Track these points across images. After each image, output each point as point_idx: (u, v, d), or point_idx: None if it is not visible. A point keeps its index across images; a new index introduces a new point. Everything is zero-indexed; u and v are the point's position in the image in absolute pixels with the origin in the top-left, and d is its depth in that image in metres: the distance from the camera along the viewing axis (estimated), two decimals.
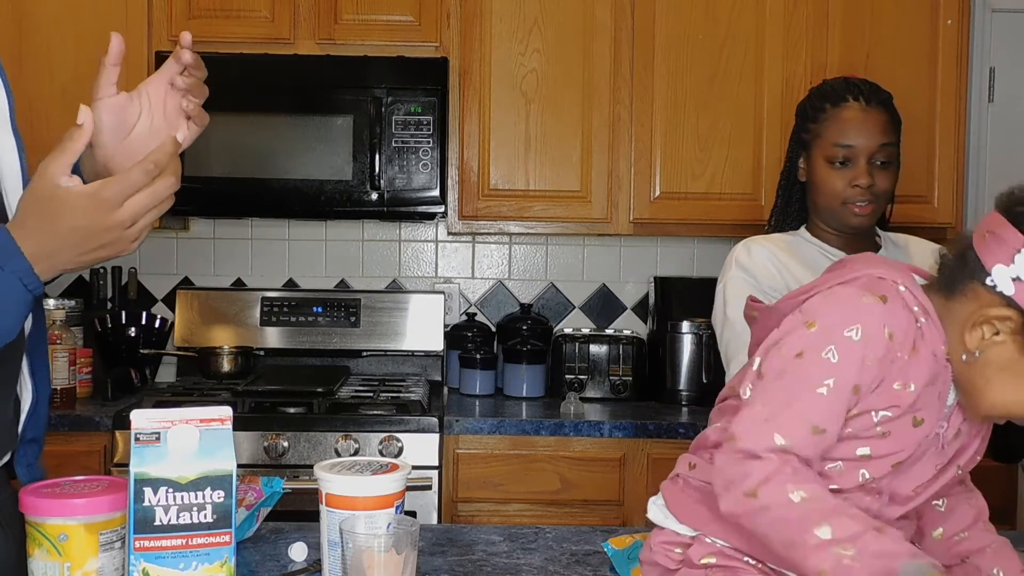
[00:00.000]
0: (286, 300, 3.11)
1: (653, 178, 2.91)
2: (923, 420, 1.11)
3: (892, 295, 1.09)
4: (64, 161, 1.09)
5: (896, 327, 1.08)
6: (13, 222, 1.08)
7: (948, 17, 2.89)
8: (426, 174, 2.82)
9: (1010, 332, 1.06)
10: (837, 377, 1.06)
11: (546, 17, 2.89)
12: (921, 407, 1.10)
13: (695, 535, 1.18)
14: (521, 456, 2.63)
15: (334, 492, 1.22)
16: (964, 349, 1.08)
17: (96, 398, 2.82)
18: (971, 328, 1.08)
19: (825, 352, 1.07)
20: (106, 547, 1.10)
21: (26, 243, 1.06)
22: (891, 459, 1.11)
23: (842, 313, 1.08)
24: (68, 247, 1.07)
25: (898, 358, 1.08)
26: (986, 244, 1.08)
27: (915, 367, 1.09)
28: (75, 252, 1.08)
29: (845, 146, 1.83)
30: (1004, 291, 1.05)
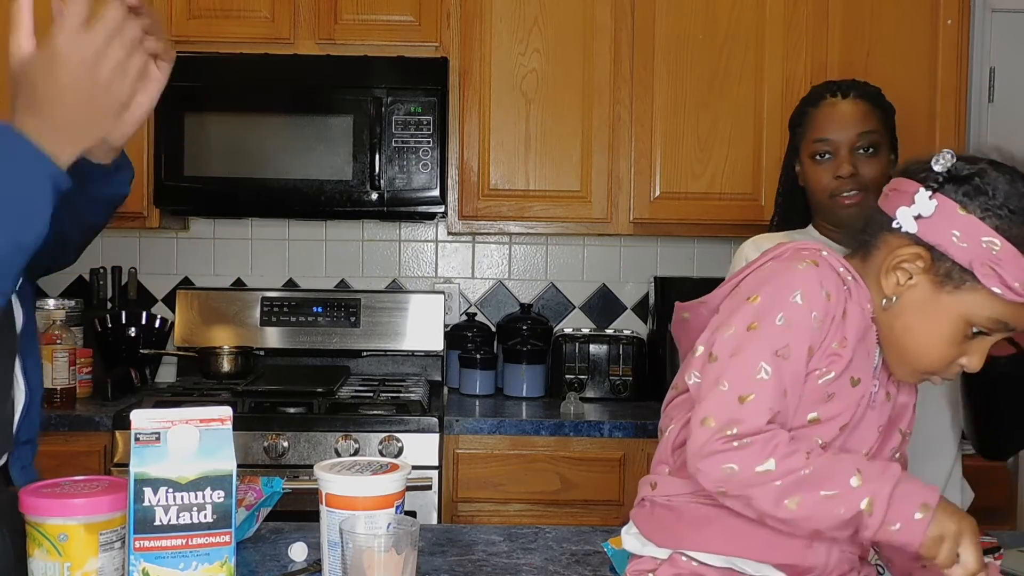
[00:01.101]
0: (286, 300, 3.11)
1: (653, 178, 2.91)
2: (859, 380, 1.13)
3: (819, 260, 1.13)
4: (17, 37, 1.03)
5: (830, 287, 1.11)
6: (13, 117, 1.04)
7: (948, 17, 2.89)
8: (426, 174, 2.82)
9: (922, 271, 1.09)
10: (792, 340, 1.08)
11: (546, 17, 2.89)
12: (856, 366, 1.12)
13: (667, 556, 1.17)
14: (521, 456, 2.63)
15: (334, 492, 1.22)
16: (882, 295, 1.12)
17: (96, 398, 2.82)
18: (886, 273, 1.11)
19: (777, 319, 1.09)
20: (106, 547, 1.10)
21: (27, 124, 1.01)
22: (837, 422, 1.12)
23: (781, 282, 1.11)
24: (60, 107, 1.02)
25: (835, 318, 1.11)
26: (888, 199, 1.13)
27: (848, 324, 1.11)
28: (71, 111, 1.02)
29: (822, 140, 1.86)
30: (908, 230, 1.09)
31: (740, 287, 1.17)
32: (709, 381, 1.11)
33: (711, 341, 1.14)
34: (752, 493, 1.06)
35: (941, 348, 1.11)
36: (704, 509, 1.14)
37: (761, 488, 1.05)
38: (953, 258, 1.07)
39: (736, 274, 1.20)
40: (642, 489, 1.24)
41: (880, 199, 1.16)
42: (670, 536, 1.17)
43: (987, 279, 1.05)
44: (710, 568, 1.14)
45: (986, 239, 1.05)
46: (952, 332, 1.10)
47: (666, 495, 1.18)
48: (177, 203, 2.87)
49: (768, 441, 1.06)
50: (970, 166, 1.09)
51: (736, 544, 1.13)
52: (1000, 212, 1.05)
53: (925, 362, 1.12)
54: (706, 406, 1.09)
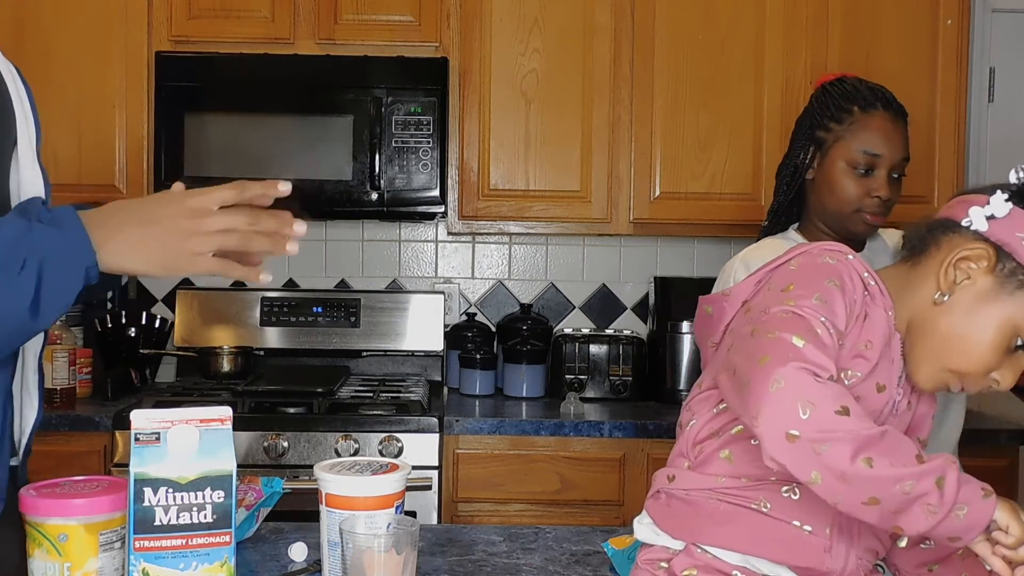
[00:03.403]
0: (286, 300, 3.11)
1: (653, 178, 2.91)
2: (884, 386, 1.14)
3: (842, 260, 1.15)
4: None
5: (856, 284, 1.13)
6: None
7: (948, 17, 2.89)
8: (426, 174, 2.82)
9: (984, 270, 1.10)
10: (829, 314, 1.09)
11: (546, 17, 2.89)
12: (881, 372, 1.13)
13: (682, 547, 1.17)
14: (521, 456, 2.63)
15: (334, 492, 1.22)
16: (937, 289, 1.12)
17: (96, 398, 2.82)
18: (946, 268, 1.12)
19: (814, 299, 1.10)
20: (106, 547, 1.10)
21: (84, 216, 1.06)
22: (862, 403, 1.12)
23: (815, 270, 1.13)
24: (126, 216, 1.08)
25: (859, 317, 1.12)
26: (953, 208, 1.15)
27: (872, 328, 1.13)
28: (131, 223, 1.07)
29: (872, 154, 1.78)
30: (979, 228, 1.10)
31: (772, 280, 1.17)
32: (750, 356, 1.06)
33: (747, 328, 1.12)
34: (830, 438, 0.98)
35: (984, 351, 1.11)
36: (723, 506, 1.14)
37: (838, 437, 0.98)
38: (1020, 259, 1.09)
39: (763, 268, 1.21)
40: (658, 481, 1.23)
41: (943, 210, 1.17)
42: (686, 529, 1.17)
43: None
44: (725, 563, 1.14)
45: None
46: (998, 337, 1.10)
47: (684, 489, 1.18)
48: None
49: (844, 391, 1.02)
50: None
51: (755, 544, 1.13)
52: None
53: (964, 363, 1.12)
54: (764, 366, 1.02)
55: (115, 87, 2.85)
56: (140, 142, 2.85)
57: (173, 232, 1.08)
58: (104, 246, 1.06)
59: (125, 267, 1.08)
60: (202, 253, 1.09)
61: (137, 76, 2.85)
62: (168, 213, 1.09)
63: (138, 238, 1.07)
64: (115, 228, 1.07)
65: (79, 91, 2.84)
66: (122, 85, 2.85)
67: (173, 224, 1.08)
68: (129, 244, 1.07)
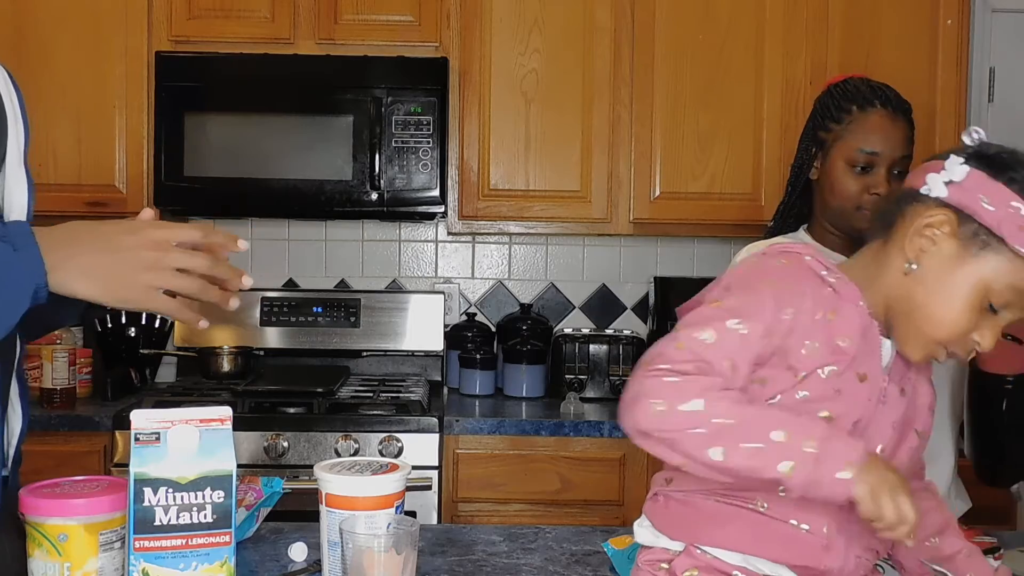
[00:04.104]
0: (286, 300, 3.11)
1: (653, 178, 2.91)
2: (866, 375, 1.13)
3: (796, 261, 1.16)
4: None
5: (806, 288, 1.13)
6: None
7: (948, 17, 2.89)
8: (426, 174, 2.82)
9: (948, 235, 1.11)
10: (747, 318, 1.10)
11: (546, 17, 2.89)
12: (861, 362, 1.13)
13: (683, 548, 1.17)
14: (521, 456, 2.63)
15: (334, 492, 1.22)
16: (905, 259, 1.13)
17: (96, 398, 2.82)
18: (911, 238, 1.13)
19: (740, 297, 1.12)
20: (106, 547, 1.10)
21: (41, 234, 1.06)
22: (848, 418, 1.12)
23: (759, 271, 1.15)
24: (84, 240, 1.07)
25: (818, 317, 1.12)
26: (915, 176, 1.16)
27: (844, 321, 1.13)
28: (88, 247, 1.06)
29: (869, 152, 1.77)
30: (939, 195, 1.11)
31: (721, 279, 1.19)
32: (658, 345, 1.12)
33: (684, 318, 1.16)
34: (677, 437, 1.05)
35: (958, 314, 1.11)
36: (721, 507, 1.15)
37: (686, 433, 1.05)
38: (981, 220, 1.09)
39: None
40: (656, 483, 1.24)
41: (907, 180, 1.18)
42: (685, 530, 1.18)
43: (1013, 239, 1.07)
44: (726, 563, 1.14)
45: (1014, 204, 1.08)
46: (970, 299, 1.10)
47: (682, 490, 1.18)
48: (177, 203, 2.87)
49: (696, 381, 1.06)
50: (997, 146, 1.13)
51: (753, 543, 1.13)
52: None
53: (941, 330, 1.12)
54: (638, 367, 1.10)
55: (115, 87, 2.85)
56: (140, 142, 2.85)
57: (131, 262, 1.07)
58: (56, 268, 1.04)
59: (75, 291, 1.06)
60: (156, 288, 1.08)
61: (137, 76, 2.85)
62: (128, 243, 1.08)
63: (93, 264, 1.06)
64: (71, 251, 1.06)
65: (79, 91, 2.84)
66: (122, 85, 2.85)
67: (132, 254, 1.07)
68: (82, 269, 1.06)
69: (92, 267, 1.06)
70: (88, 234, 1.09)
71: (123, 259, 1.07)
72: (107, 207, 2.83)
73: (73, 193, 2.83)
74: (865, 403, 1.14)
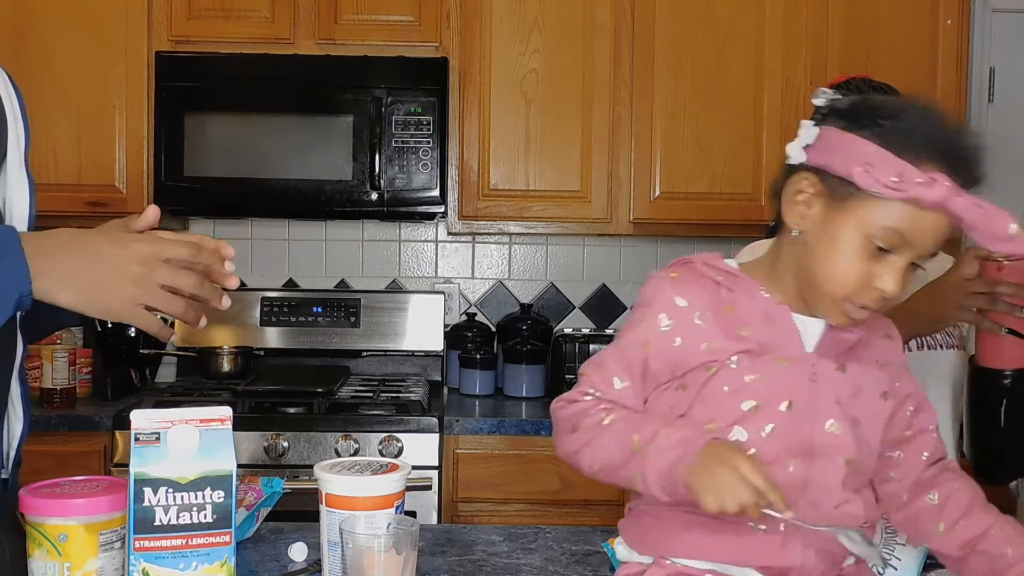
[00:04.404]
0: (286, 300, 3.11)
1: (653, 178, 2.91)
2: (787, 358, 1.15)
3: (685, 272, 1.20)
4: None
5: (690, 295, 1.17)
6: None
7: (948, 17, 2.89)
8: (426, 174, 2.82)
9: (814, 195, 1.13)
10: (635, 338, 1.18)
11: (546, 17, 2.89)
12: (777, 346, 1.15)
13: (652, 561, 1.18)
14: (521, 456, 2.63)
15: (334, 492, 1.22)
16: (790, 228, 1.16)
17: (96, 398, 2.82)
18: (788, 209, 1.15)
19: (634, 321, 1.21)
20: (106, 547, 1.10)
21: (28, 241, 1.05)
22: (777, 402, 1.13)
23: (647, 290, 1.21)
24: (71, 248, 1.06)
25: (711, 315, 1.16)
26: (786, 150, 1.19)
27: (743, 312, 1.16)
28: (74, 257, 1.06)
29: None
30: (800, 160, 1.14)
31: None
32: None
33: None
34: (573, 455, 1.18)
35: (846, 267, 1.11)
36: (683, 516, 1.15)
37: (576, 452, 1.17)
38: (836, 172, 1.10)
39: None
40: (631, 498, 1.25)
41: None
42: (652, 543, 1.19)
43: (863, 180, 1.07)
44: (696, 570, 1.15)
45: (864, 149, 1.09)
46: (852, 248, 1.10)
47: (649, 503, 1.19)
48: (177, 203, 2.86)
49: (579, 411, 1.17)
50: (848, 99, 1.15)
51: (712, 549, 1.14)
52: (873, 124, 1.10)
53: (836, 286, 1.12)
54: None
55: (115, 87, 2.85)
56: (140, 142, 2.85)
57: (117, 275, 1.06)
58: (41, 276, 1.03)
59: (57, 299, 1.05)
60: (140, 303, 1.07)
61: (137, 76, 2.85)
62: (116, 255, 1.06)
63: (78, 273, 1.05)
64: (57, 259, 1.05)
65: (79, 91, 2.84)
66: (122, 85, 2.85)
67: (119, 267, 1.06)
68: (67, 278, 1.05)
69: (77, 277, 1.05)
70: (76, 243, 1.07)
71: (109, 271, 1.06)
72: (107, 207, 2.83)
73: (73, 193, 2.83)
74: (792, 384, 1.14)
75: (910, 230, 1.08)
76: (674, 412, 1.17)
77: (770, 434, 1.13)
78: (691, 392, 1.16)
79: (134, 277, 1.07)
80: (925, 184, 1.05)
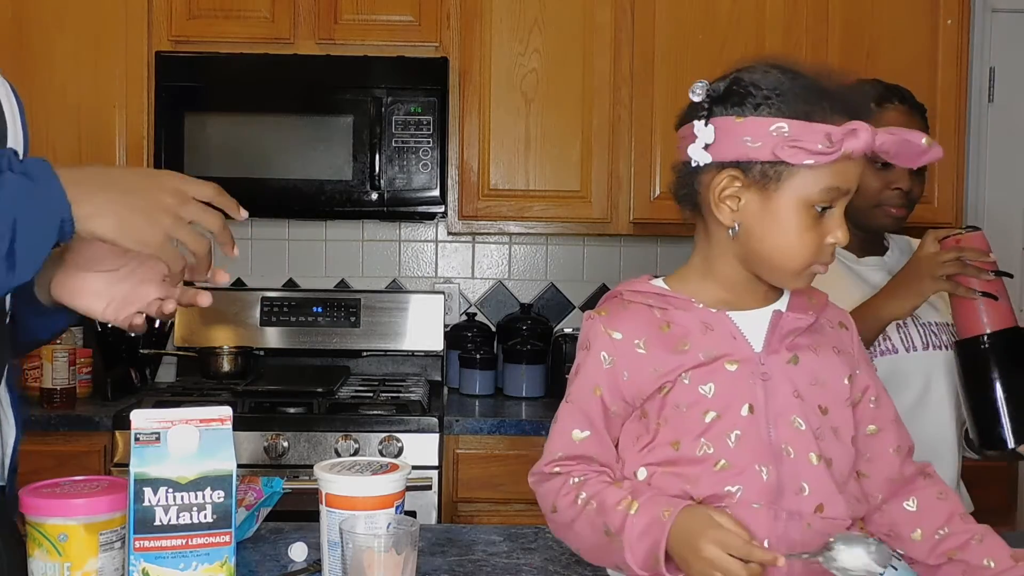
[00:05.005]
0: (286, 300, 3.11)
1: (653, 178, 2.91)
2: (737, 359, 1.14)
3: (614, 305, 1.21)
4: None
5: (620, 328, 1.18)
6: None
7: (948, 17, 2.89)
8: (426, 174, 2.82)
9: (743, 187, 1.13)
10: (580, 386, 1.20)
11: (546, 17, 2.89)
12: (722, 350, 1.14)
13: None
14: (521, 456, 2.63)
15: (334, 492, 1.22)
16: (726, 229, 1.15)
17: (96, 398, 2.82)
18: (716, 209, 1.15)
19: (575, 372, 1.22)
20: (106, 547, 1.10)
21: (62, 171, 1.03)
22: (736, 408, 1.13)
23: (583, 335, 1.22)
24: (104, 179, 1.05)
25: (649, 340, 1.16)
26: (679, 152, 1.18)
27: (679, 328, 1.16)
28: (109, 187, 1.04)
29: None
30: (705, 161, 1.14)
31: None
32: None
33: None
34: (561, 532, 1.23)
35: (799, 239, 1.12)
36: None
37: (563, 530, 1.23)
38: (758, 159, 1.10)
39: None
40: None
41: (675, 156, 1.20)
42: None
43: (795, 157, 1.08)
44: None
45: (773, 127, 1.09)
46: (800, 220, 1.11)
47: None
48: None
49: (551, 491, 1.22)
50: (723, 82, 1.17)
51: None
52: (769, 101, 1.11)
53: (794, 259, 1.13)
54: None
55: (115, 87, 2.85)
56: (140, 142, 2.85)
57: (152, 205, 1.05)
58: (78, 203, 1.02)
59: (95, 229, 1.03)
60: (171, 235, 1.07)
61: (137, 76, 2.85)
62: (149, 185, 1.06)
63: (115, 202, 1.04)
64: (92, 188, 1.03)
65: (79, 91, 2.84)
66: (122, 85, 2.85)
67: (154, 197, 1.06)
68: (104, 206, 1.03)
69: (114, 206, 1.04)
70: (108, 174, 1.07)
71: (146, 201, 1.05)
72: None
73: None
74: (748, 387, 1.14)
75: (844, 181, 1.11)
76: (641, 443, 1.17)
77: (737, 442, 1.12)
78: (652, 418, 1.16)
79: (167, 208, 1.06)
80: (849, 136, 1.08)
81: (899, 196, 1.80)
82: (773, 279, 1.17)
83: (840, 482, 1.16)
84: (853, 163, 1.11)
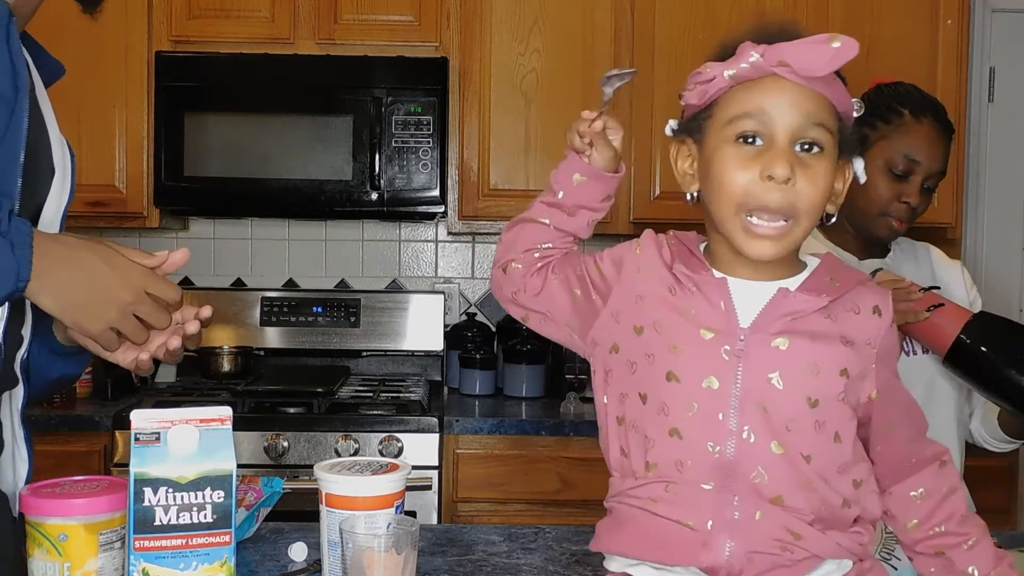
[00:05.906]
0: (286, 300, 3.11)
1: (653, 178, 2.91)
2: (715, 331, 1.09)
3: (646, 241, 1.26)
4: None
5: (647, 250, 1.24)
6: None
7: (948, 17, 2.89)
8: (426, 174, 2.82)
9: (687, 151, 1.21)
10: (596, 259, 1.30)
11: (546, 17, 2.89)
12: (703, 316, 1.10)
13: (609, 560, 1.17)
14: (521, 456, 2.63)
15: (334, 492, 1.22)
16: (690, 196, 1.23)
17: (96, 398, 2.82)
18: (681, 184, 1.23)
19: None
20: (106, 547, 1.10)
21: (38, 240, 1.08)
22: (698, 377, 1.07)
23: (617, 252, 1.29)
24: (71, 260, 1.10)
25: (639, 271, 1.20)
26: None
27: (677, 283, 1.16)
28: (73, 269, 1.09)
29: (912, 159, 1.77)
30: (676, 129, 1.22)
31: None
32: None
33: None
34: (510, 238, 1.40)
35: (737, 174, 1.11)
36: (622, 509, 1.14)
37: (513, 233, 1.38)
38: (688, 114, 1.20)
39: None
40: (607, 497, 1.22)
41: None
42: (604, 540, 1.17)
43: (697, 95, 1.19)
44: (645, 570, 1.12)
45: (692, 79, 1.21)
46: (729, 159, 1.12)
47: (608, 499, 1.18)
48: (177, 203, 2.87)
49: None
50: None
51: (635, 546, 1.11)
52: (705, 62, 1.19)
53: (735, 194, 1.12)
54: None
55: (115, 87, 2.85)
56: (140, 142, 2.85)
57: (106, 298, 1.11)
58: (38, 276, 1.07)
59: (41, 303, 1.10)
60: (114, 327, 1.12)
61: (137, 76, 2.85)
62: (113, 280, 1.11)
63: (71, 285, 1.10)
64: (58, 266, 1.09)
65: (79, 91, 2.84)
66: (122, 85, 2.85)
67: (112, 292, 1.11)
68: (58, 286, 1.09)
69: (68, 289, 1.10)
70: (77, 256, 1.11)
71: (100, 293, 1.11)
72: (107, 207, 2.84)
73: None
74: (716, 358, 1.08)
75: (760, 105, 1.13)
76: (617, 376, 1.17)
77: (695, 413, 1.07)
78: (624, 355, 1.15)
79: (120, 303, 1.11)
80: (740, 55, 1.17)
81: (906, 210, 1.78)
82: (726, 229, 1.15)
83: (811, 477, 1.07)
84: (766, 88, 1.14)
